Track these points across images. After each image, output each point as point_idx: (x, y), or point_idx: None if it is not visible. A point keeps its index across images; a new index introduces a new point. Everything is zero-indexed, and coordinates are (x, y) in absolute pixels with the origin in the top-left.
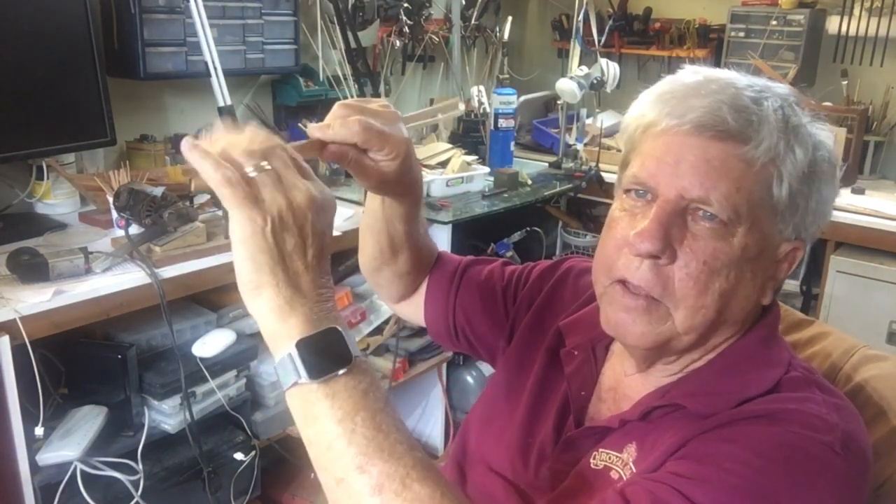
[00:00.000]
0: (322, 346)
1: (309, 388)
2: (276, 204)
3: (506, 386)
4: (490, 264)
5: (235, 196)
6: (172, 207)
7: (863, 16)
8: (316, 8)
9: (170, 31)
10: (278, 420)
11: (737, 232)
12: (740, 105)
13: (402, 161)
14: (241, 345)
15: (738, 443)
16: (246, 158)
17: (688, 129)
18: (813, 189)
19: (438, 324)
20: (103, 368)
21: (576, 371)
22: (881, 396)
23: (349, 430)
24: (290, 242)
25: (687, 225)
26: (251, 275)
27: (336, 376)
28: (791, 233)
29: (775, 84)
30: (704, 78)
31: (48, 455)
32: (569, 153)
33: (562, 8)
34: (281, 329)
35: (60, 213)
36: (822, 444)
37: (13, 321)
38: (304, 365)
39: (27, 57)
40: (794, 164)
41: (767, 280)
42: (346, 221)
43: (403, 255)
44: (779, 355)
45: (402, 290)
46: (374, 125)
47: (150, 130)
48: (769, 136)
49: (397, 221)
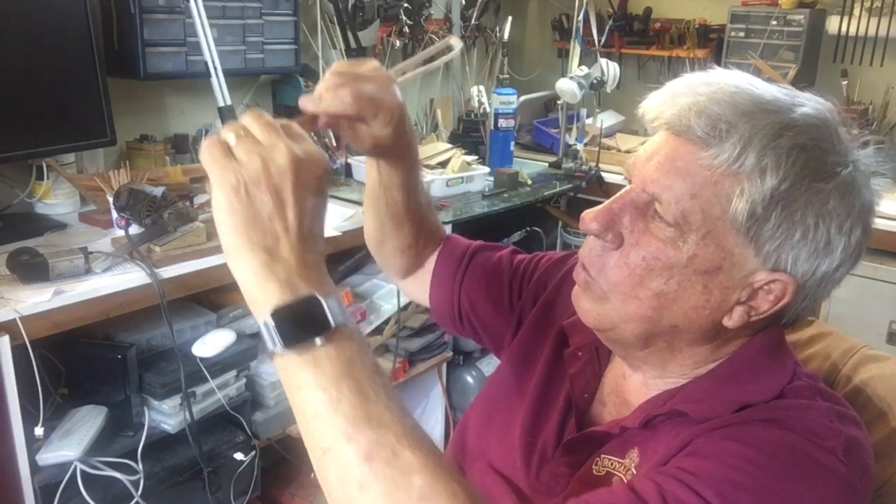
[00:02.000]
0: (298, 315)
1: (289, 357)
2: (251, 164)
3: (509, 383)
4: (499, 251)
5: (212, 156)
6: (172, 207)
7: (863, 16)
8: (316, 8)
9: (170, 31)
10: (278, 420)
11: (687, 239)
12: (713, 111)
13: (395, 126)
14: (241, 345)
15: (742, 441)
16: (227, 129)
17: (664, 125)
18: (795, 221)
19: (443, 307)
20: (103, 368)
21: (579, 372)
22: (881, 397)
23: (334, 399)
24: (266, 204)
25: (646, 220)
26: (227, 237)
27: (314, 346)
28: (769, 262)
29: (813, 103)
30: (715, 79)
31: (48, 455)
32: (569, 153)
33: (562, 8)
34: (259, 296)
35: (60, 213)
36: (824, 449)
37: (13, 321)
38: (280, 335)
39: (27, 57)
40: (758, 186)
41: (734, 303)
42: (346, 221)
43: (405, 227)
44: (783, 364)
45: (406, 265)
46: (365, 93)
47: (150, 130)
48: (732, 148)
49: (395, 190)
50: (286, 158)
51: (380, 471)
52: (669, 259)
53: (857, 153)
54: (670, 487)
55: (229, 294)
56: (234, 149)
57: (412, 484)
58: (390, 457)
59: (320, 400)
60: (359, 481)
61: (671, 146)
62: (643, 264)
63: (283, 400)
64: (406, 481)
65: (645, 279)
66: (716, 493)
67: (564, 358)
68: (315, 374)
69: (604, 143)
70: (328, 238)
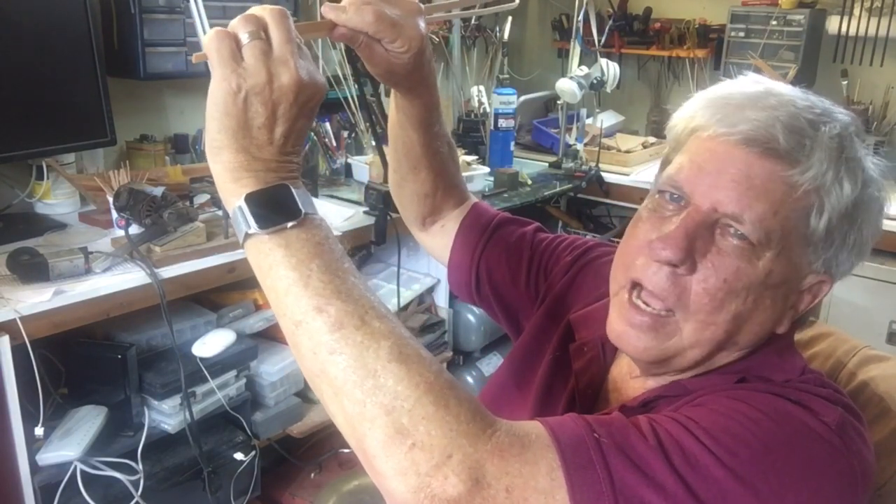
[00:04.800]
0: (270, 200)
1: (260, 238)
2: (257, 75)
3: (518, 371)
4: (524, 227)
5: (220, 53)
6: (172, 207)
7: (863, 16)
8: (316, 8)
9: (170, 31)
10: (278, 420)
11: (764, 255)
12: (796, 125)
13: (413, 56)
14: (241, 345)
15: (741, 400)
16: (244, 23)
17: (736, 139)
18: (854, 227)
19: (460, 273)
20: (103, 368)
21: (584, 368)
22: (883, 397)
23: (305, 276)
24: (260, 116)
25: (714, 238)
26: (215, 134)
27: (286, 228)
28: (821, 266)
29: (838, 110)
30: (765, 90)
31: (48, 455)
32: (569, 153)
33: (562, 8)
34: (233, 187)
35: (60, 213)
36: (819, 421)
37: (13, 321)
38: (253, 216)
39: (27, 57)
40: (838, 198)
41: (787, 309)
42: (346, 221)
43: (422, 172)
44: (792, 364)
45: (423, 212)
46: (388, 16)
47: (150, 130)
48: (819, 164)
49: (410, 128)
50: (291, 79)
51: (349, 336)
52: (749, 278)
53: (870, 156)
54: (662, 422)
55: (229, 294)
56: (244, 49)
57: (381, 346)
58: (359, 324)
59: (291, 277)
60: (330, 348)
61: (743, 161)
62: (725, 287)
63: (283, 400)
64: (375, 345)
65: (725, 302)
66: (708, 435)
67: (570, 352)
68: (286, 254)
69: (604, 143)
70: None
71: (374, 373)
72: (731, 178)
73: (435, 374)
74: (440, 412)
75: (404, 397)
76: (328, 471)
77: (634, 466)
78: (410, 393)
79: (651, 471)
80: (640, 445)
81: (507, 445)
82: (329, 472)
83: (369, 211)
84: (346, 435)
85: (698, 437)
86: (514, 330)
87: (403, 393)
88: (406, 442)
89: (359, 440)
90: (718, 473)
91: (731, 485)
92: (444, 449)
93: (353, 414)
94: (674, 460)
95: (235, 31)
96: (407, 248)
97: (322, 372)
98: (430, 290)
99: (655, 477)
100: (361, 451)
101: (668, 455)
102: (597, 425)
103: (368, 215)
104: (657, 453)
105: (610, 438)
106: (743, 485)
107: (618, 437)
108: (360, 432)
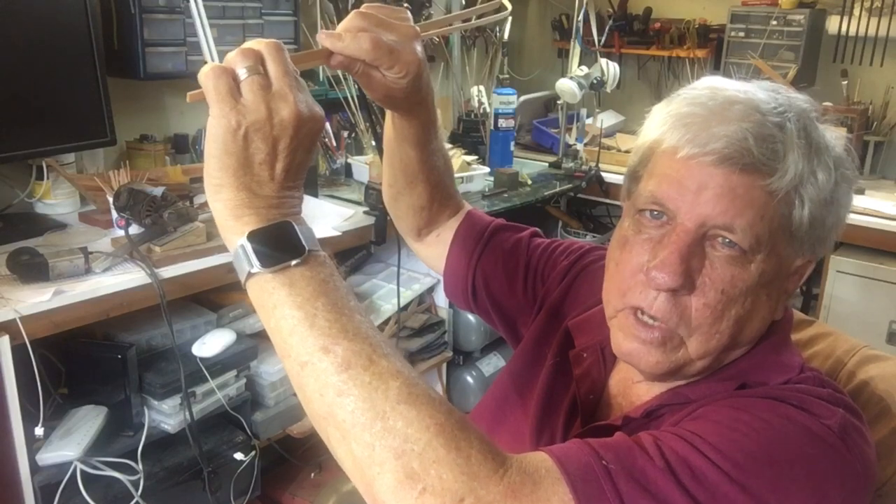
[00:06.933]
0: (273, 238)
1: (264, 277)
2: (256, 111)
3: (520, 377)
4: (519, 233)
5: (217, 90)
6: (172, 207)
7: (863, 16)
8: (316, 8)
9: (170, 31)
10: (278, 420)
11: (755, 259)
12: (765, 134)
13: (410, 80)
14: (241, 345)
15: (741, 409)
16: (241, 58)
17: (711, 160)
18: (832, 209)
19: (456, 281)
20: (103, 368)
21: (584, 374)
22: (882, 397)
23: (310, 315)
24: (261, 152)
25: (705, 252)
26: (216, 172)
27: (290, 266)
28: (807, 250)
29: (794, 96)
30: (725, 99)
31: (48, 455)
32: (569, 153)
33: (562, 8)
34: (235, 225)
35: (60, 213)
36: (821, 424)
37: (13, 321)
38: (256, 255)
39: (27, 57)
40: (816, 190)
41: (781, 296)
42: (346, 221)
43: (419, 186)
44: (790, 361)
45: (418, 225)
46: (385, 43)
47: (150, 130)
48: (794, 165)
49: (408, 146)
50: (291, 113)
51: (358, 377)
52: (745, 283)
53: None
54: (667, 440)
55: (229, 294)
56: (242, 85)
57: (390, 387)
58: (367, 364)
59: (296, 317)
60: (338, 389)
61: (723, 177)
62: (723, 298)
63: (283, 400)
64: (384, 385)
65: (725, 311)
66: (714, 450)
67: (570, 359)
68: (290, 293)
69: (604, 143)
70: (328, 238)
71: (383, 415)
72: (714, 194)
73: (445, 415)
74: (451, 454)
75: (415, 440)
76: (328, 471)
77: (645, 491)
78: (421, 436)
79: (662, 494)
80: (649, 468)
81: (518, 485)
82: (329, 472)
83: (369, 211)
84: (355, 479)
85: (704, 452)
86: (511, 336)
87: (414, 436)
88: (417, 486)
89: (368, 484)
90: (728, 489)
91: (741, 499)
92: (456, 493)
93: (362, 458)
94: (683, 480)
95: (232, 65)
96: (407, 248)
97: (329, 415)
98: (430, 289)
99: (667, 499)
100: (371, 496)
101: (678, 475)
102: (603, 451)
103: (368, 215)
104: (666, 475)
105: (618, 464)
106: (752, 498)
107: (626, 461)
108: (369, 476)
